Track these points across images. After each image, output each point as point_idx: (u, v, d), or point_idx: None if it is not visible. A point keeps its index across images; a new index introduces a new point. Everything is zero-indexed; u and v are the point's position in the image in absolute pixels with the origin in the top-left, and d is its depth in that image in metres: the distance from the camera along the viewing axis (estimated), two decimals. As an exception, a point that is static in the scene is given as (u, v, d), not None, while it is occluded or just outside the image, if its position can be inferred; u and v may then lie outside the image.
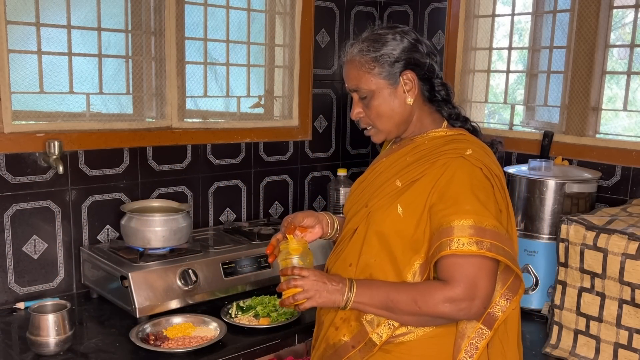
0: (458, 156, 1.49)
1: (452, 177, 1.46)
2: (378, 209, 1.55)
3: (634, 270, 1.72)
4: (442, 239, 1.42)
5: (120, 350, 1.81)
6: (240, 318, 2.01)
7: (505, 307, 1.51)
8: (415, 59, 1.55)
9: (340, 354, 1.56)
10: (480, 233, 1.41)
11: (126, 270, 1.98)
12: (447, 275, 1.44)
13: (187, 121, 2.53)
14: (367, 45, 1.55)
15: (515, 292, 1.52)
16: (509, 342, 1.55)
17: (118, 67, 2.39)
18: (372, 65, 1.53)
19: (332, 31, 2.95)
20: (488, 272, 1.43)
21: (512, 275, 1.51)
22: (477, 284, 1.42)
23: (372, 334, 1.51)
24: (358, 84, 1.55)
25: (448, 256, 1.42)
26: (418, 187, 1.50)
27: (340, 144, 3.08)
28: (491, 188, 1.48)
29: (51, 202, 2.18)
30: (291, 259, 1.56)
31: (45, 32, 2.17)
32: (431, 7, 2.97)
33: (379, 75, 1.53)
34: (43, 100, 2.24)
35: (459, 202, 1.43)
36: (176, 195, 2.50)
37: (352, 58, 1.57)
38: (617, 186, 2.35)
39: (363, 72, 1.54)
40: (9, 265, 2.11)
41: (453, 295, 1.41)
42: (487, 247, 1.40)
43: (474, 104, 2.92)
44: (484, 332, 1.49)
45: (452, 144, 1.54)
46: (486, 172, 1.49)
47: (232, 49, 2.67)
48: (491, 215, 1.44)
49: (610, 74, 2.50)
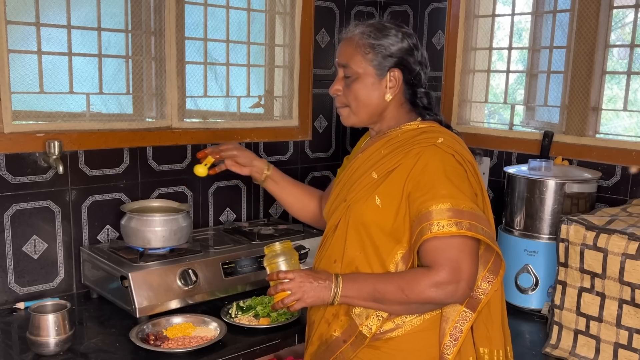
0: (430, 144, 1.54)
1: (426, 165, 1.51)
2: (356, 202, 1.58)
3: (634, 270, 1.72)
4: (422, 224, 1.46)
5: (120, 350, 1.81)
6: (240, 318, 2.02)
7: (487, 289, 1.54)
8: (407, 62, 1.60)
9: (332, 350, 1.58)
10: (458, 215, 1.45)
11: (126, 270, 1.98)
12: (430, 260, 1.47)
13: (187, 121, 2.53)
14: (369, 30, 1.59)
15: (496, 274, 1.55)
16: (493, 324, 1.58)
17: (118, 67, 2.39)
18: (367, 50, 1.58)
19: (332, 31, 2.95)
20: (470, 253, 1.47)
21: (493, 255, 1.55)
22: (461, 266, 1.45)
23: (362, 326, 1.54)
24: (349, 61, 1.60)
25: (429, 240, 1.45)
26: (394, 177, 1.54)
27: (340, 144, 3.08)
28: (464, 173, 1.53)
29: (51, 202, 2.18)
30: (277, 263, 1.58)
31: (45, 32, 2.17)
32: (431, 7, 2.97)
33: (370, 62, 1.58)
34: (43, 100, 2.24)
35: (435, 188, 1.48)
36: (176, 195, 2.50)
37: (351, 36, 1.62)
38: (617, 186, 2.35)
39: (357, 53, 1.59)
40: (9, 265, 2.11)
41: (439, 280, 1.45)
42: (467, 227, 1.44)
43: (474, 104, 2.92)
44: (467, 315, 1.53)
45: (425, 134, 1.59)
46: (458, 158, 1.53)
47: (232, 49, 2.67)
48: (467, 198, 1.48)
49: (610, 74, 2.50)
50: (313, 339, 1.66)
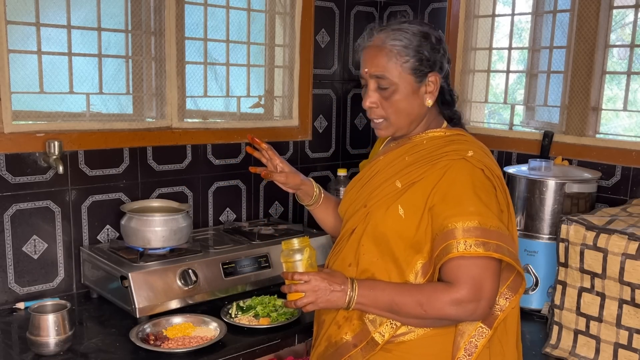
0: (460, 158, 1.48)
1: (454, 179, 1.45)
2: (377, 209, 1.54)
3: (634, 270, 1.72)
4: (447, 240, 1.41)
5: (120, 350, 1.81)
6: (240, 318, 2.01)
7: (504, 306, 1.51)
8: (441, 63, 1.52)
9: (341, 353, 1.54)
10: (486, 234, 1.40)
11: (126, 270, 1.98)
12: (452, 276, 1.43)
13: (187, 121, 2.53)
14: (398, 35, 1.49)
15: (515, 291, 1.52)
16: (508, 341, 1.55)
17: (118, 67, 2.39)
18: (404, 59, 1.48)
19: (332, 31, 2.95)
20: (493, 272, 1.43)
21: (513, 274, 1.51)
22: (483, 285, 1.41)
23: (375, 333, 1.51)
24: (384, 72, 1.49)
25: (454, 258, 1.41)
26: (418, 188, 1.49)
27: (340, 144, 3.08)
28: (493, 189, 1.48)
29: (51, 202, 2.18)
30: (293, 262, 1.53)
31: (45, 32, 2.17)
32: (431, 7, 2.97)
33: (407, 70, 1.49)
34: (43, 100, 2.24)
35: (463, 204, 1.43)
36: (176, 195, 2.49)
37: (381, 45, 1.49)
38: (617, 186, 2.35)
39: (392, 63, 1.48)
40: (9, 265, 2.11)
41: (459, 297, 1.41)
42: (494, 248, 1.40)
43: (474, 104, 2.92)
44: (484, 330, 1.49)
45: (453, 145, 1.53)
46: (488, 174, 1.48)
47: (232, 49, 2.67)
48: (494, 216, 1.44)
49: (610, 74, 2.50)
50: (321, 340, 1.62)
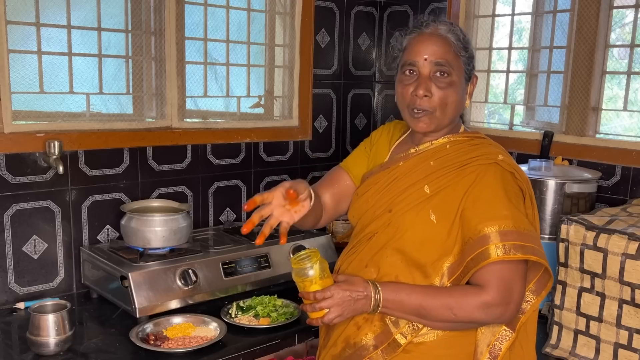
0: (492, 162, 1.49)
1: (487, 183, 1.46)
2: (405, 213, 1.52)
3: (634, 270, 1.72)
4: (484, 245, 1.40)
5: (120, 350, 1.81)
6: (240, 318, 2.01)
7: (525, 309, 1.50)
8: (474, 65, 1.57)
9: (360, 354, 1.51)
10: (522, 237, 1.40)
11: (126, 270, 1.98)
12: (482, 280, 1.42)
13: (187, 121, 2.53)
14: (457, 31, 1.52)
15: (537, 294, 1.52)
16: (528, 343, 1.55)
17: (118, 67, 2.39)
18: (463, 53, 1.51)
19: (332, 31, 2.95)
20: (522, 275, 1.43)
21: (537, 275, 1.51)
22: (512, 288, 1.41)
23: (397, 334, 1.49)
24: (448, 60, 1.48)
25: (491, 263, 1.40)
26: (449, 193, 1.49)
27: (340, 144, 3.08)
28: (521, 193, 1.50)
29: (51, 202, 2.18)
30: (310, 281, 1.45)
31: (45, 32, 2.17)
32: (431, 7, 2.97)
33: (463, 66, 1.52)
34: (43, 100, 2.24)
35: (496, 208, 1.43)
36: (176, 195, 2.49)
37: (445, 34, 1.50)
38: (617, 186, 2.35)
39: (453, 54, 1.50)
40: (9, 265, 2.11)
41: (489, 301, 1.40)
42: (531, 251, 1.40)
43: (474, 104, 2.92)
44: (507, 333, 1.48)
45: (480, 148, 1.53)
46: (517, 177, 1.50)
47: (232, 49, 2.67)
48: (525, 219, 1.44)
49: (610, 74, 2.50)
50: (337, 340, 1.57)
